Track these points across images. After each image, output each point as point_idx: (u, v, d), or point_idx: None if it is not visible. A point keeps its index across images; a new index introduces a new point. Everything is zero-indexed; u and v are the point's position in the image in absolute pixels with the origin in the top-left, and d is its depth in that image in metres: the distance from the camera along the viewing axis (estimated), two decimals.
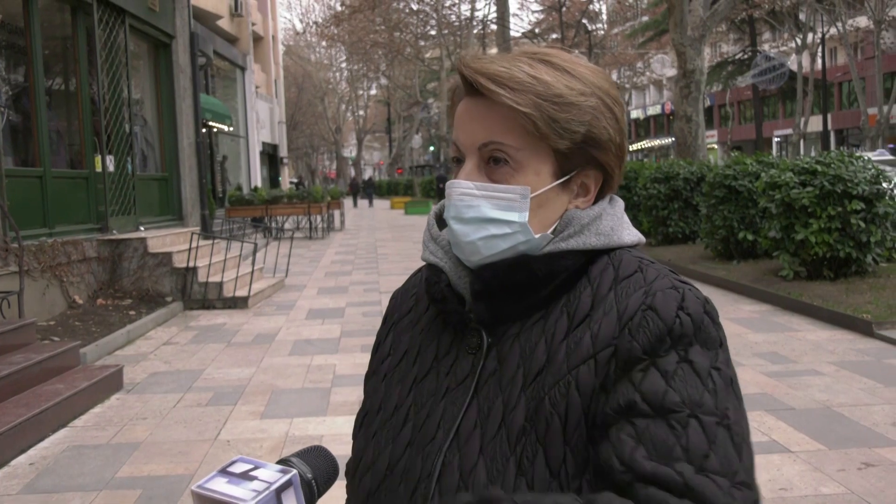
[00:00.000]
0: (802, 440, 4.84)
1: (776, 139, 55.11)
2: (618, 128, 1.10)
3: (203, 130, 15.78)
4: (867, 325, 7.57)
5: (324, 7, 53.62)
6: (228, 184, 26.54)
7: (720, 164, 13.79)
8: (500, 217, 1.04)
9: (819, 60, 38.38)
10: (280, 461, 1.00)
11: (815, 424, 5.11)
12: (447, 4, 36.49)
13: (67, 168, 10.50)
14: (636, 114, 69.98)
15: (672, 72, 44.18)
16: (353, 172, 70.94)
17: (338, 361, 7.30)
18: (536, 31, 46.69)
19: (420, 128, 63.74)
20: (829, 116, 41.80)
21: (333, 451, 1.17)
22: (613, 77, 51.06)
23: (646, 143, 66.19)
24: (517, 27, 46.02)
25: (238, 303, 10.52)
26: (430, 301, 1.15)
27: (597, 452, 0.95)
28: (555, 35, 43.15)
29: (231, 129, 24.90)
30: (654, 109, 67.96)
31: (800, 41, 39.31)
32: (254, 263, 11.39)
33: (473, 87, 1.06)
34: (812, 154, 14.79)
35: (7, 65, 9.46)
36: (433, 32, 37.85)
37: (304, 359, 7.48)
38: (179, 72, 13.56)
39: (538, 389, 1.00)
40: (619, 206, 1.14)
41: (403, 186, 56.97)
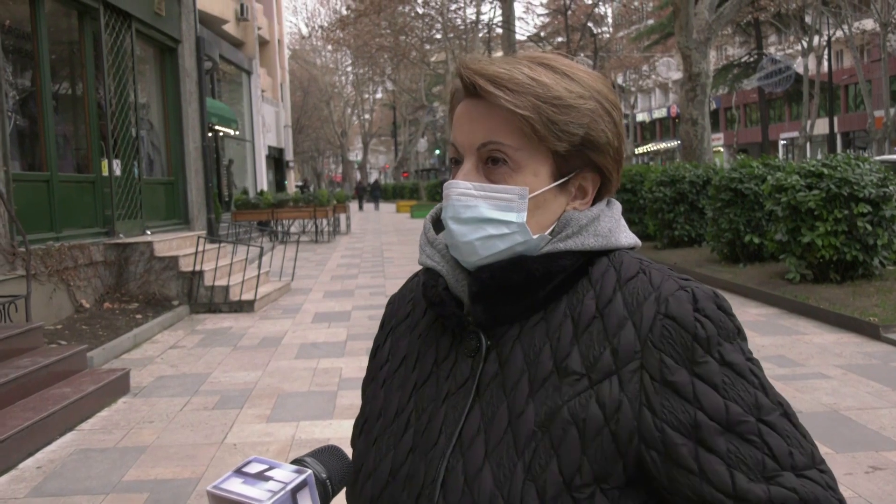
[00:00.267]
0: None
1: (782, 142, 54.98)
2: (616, 131, 1.10)
3: (209, 134, 15.81)
4: (874, 329, 7.55)
5: (329, 11, 53.71)
6: (234, 187, 26.59)
7: (726, 167, 13.77)
8: (499, 217, 1.04)
9: (825, 63, 38.28)
10: (294, 461, 1.00)
11: (822, 428, 5.10)
12: (452, 8, 36.55)
13: (74, 172, 10.54)
14: (642, 117, 69.92)
15: (677, 75, 44.15)
16: (359, 176, 70.98)
17: (344, 365, 7.31)
18: (542, 35, 46.67)
19: (425, 131, 63.86)
20: (836, 119, 41.69)
21: None
22: (619, 80, 51.11)
23: (651, 147, 66.11)
24: (523, 31, 46.09)
25: (244, 306, 10.54)
26: (428, 305, 1.14)
27: (675, 480, 0.97)
28: (560, 38, 43.20)
29: (237, 133, 24.96)
30: (660, 112, 67.90)
31: (806, 44, 39.22)
32: (260, 267, 11.40)
33: (472, 89, 1.06)
34: (818, 157, 14.75)
35: (14, 69, 9.49)
36: (439, 36, 37.87)
37: (311, 362, 7.48)
38: (185, 76, 13.59)
39: (550, 397, 1.00)
40: (617, 209, 1.14)
41: (409, 190, 57.03)
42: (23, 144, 9.58)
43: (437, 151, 75.27)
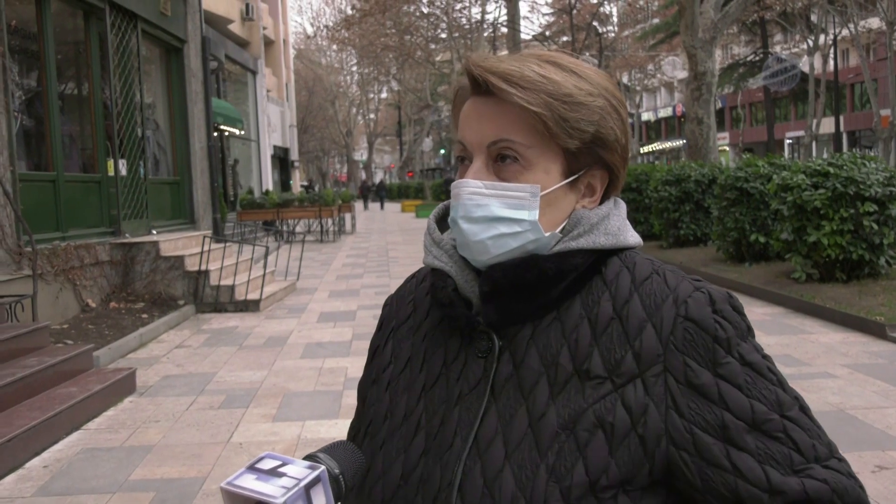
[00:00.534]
0: None
1: (788, 141, 54.88)
2: (623, 129, 1.11)
3: (214, 134, 15.85)
4: (880, 328, 7.53)
5: (334, 11, 53.67)
6: (240, 187, 26.63)
7: (732, 167, 13.75)
8: (510, 216, 1.04)
9: (831, 62, 38.19)
10: (307, 457, 1.00)
11: (828, 427, 5.05)
12: (458, 8, 36.47)
13: (80, 172, 10.57)
14: (647, 116, 69.80)
15: (683, 74, 44.06)
16: (364, 176, 71.04)
17: (349, 364, 7.31)
18: (547, 34, 46.63)
19: (430, 131, 63.84)
20: (842, 118, 41.61)
21: None
22: (624, 79, 51.03)
23: (657, 146, 66.00)
24: (528, 30, 45.97)
25: (250, 306, 10.56)
26: (438, 306, 1.13)
27: (709, 480, 0.98)
28: (565, 38, 43.10)
29: (242, 133, 24.99)
30: (666, 112, 67.78)
31: (811, 43, 39.12)
32: (265, 267, 11.42)
33: (481, 87, 1.06)
34: (824, 156, 14.72)
35: (20, 70, 9.51)
36: (444, 36, 37.82)
37: (316, 362, 7.49)
38: (191, 76, 13.62)
39: (573, 399, 1.00)
40: (623, 208, 1.15)
41: (414, 189, 57.00)
42: (29, 144, 9.61)
43: (443, 151, 75.30)
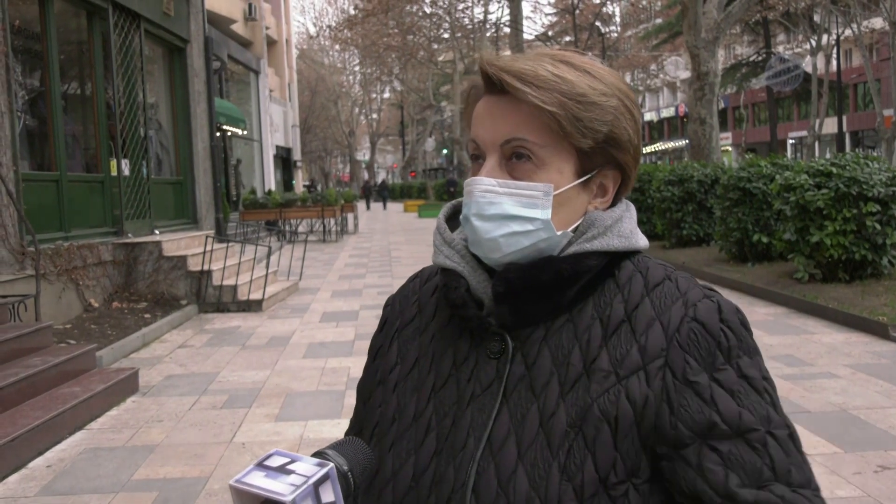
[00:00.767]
0: (818, 443, 4.81)
1: (791, 141, 54.81)
2: (636, 129, 1.11)
3: (217, 134, 15.85)
4: (883, 328, 7.52)
5: (337, 11, 53.66)
6: (242, 187, 26.63)
7: (734, 167, 13.74)
8: (523, 214, 1.05)
9: (834, 62, 38.16)
10: (316, 454, 1.00)
11: (831, 427, 5.08)
12: (460, 8, 36.47)
13: (83, 172, 10.58)
14: (650, 116, 69.75)
15: (686, 74, 44.03)
16: (367, 176, 71.02)
17: (352, 364, 7.32)
18: (549, 34, 46.61)
19: (433, 131, 63.84)
20: (845, 118, 41.52)
21: None
22: (627, 79, 50.92)
23: (659, 146, 65.97)
24: (530, 30, 45.94)
25: (252, 306, 10.56)
26: (449, 307, 1.13)
27: (675, 473, 0.99)
28: (568, 38, 43.10)
29: (245, 133, 25.00)
30: (668, 112, 67.73)
31: (814, 43, 39.04)
32: (268, 267, 11.43)
33: (495, 86, 1.06)
34: (827, 156, 14.71)
35: (23, 70, 9.52)
36: (446, 36, 37.80)
37: (319, 361, 7.50)
38: (194, 76, 13.63)
39: (581, 396, 1.01)
40: (634, 211, 1.16)
41: (417, 189, 56.97)
42: (32, 144, 9.63)
43: (445, 151, 75.27)
